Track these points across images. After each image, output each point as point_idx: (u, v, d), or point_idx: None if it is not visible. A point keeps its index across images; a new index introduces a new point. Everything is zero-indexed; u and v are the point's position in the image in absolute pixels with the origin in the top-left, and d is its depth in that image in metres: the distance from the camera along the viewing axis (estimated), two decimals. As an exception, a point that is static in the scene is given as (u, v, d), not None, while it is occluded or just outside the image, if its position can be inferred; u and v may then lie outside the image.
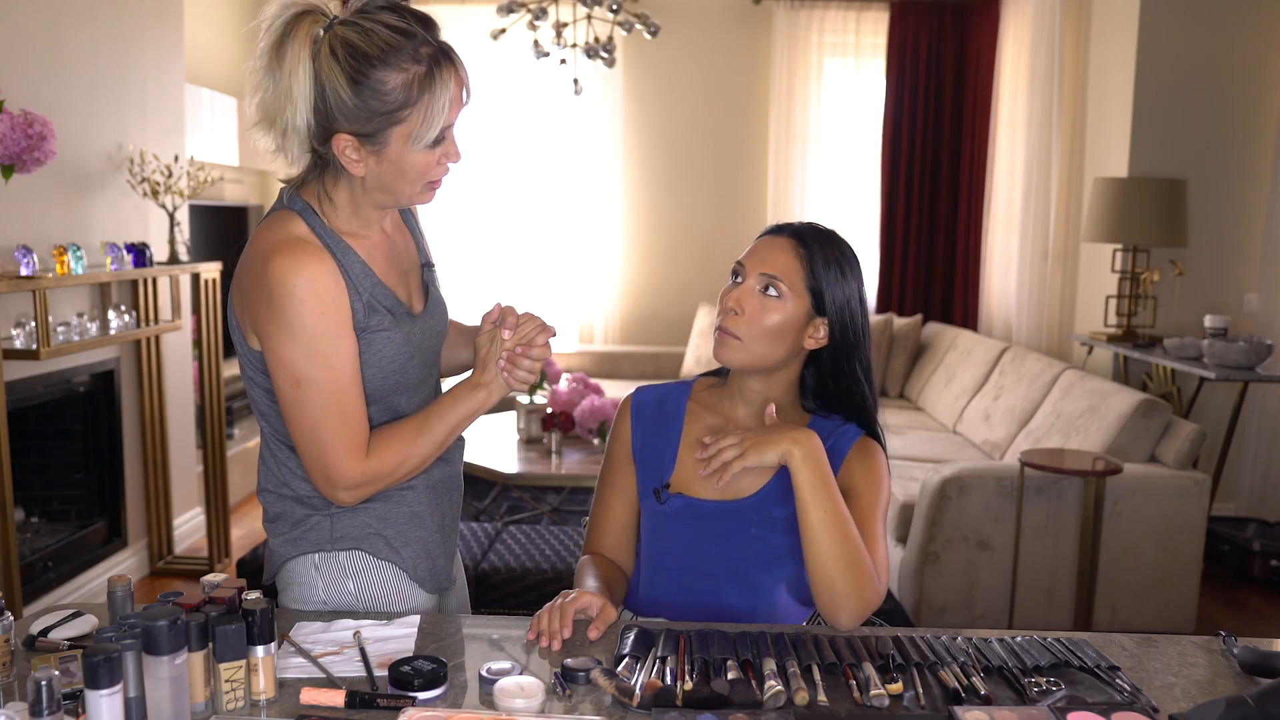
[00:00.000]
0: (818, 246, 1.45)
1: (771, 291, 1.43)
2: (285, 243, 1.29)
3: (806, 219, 5.91)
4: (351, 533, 1.41)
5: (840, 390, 1.49)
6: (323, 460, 1.31)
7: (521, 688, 1.13)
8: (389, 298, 1.38)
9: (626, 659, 1.24)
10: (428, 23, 1.28)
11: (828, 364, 1.48)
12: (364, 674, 1.20)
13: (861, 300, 1.48)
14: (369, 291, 1.35)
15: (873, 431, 1.51)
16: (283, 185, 1.39)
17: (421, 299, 1.47)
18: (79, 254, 3.02)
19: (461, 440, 1.55)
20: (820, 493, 1.33)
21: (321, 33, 1.25)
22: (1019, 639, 1.33)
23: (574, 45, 4.30)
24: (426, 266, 1.50)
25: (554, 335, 1.40)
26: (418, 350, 1.42)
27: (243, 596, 1.20)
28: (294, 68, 1.24)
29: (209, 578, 1.25)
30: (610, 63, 4.30)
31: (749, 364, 1.45)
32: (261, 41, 1.27)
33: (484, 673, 1.18)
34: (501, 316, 1.39)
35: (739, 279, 1.47)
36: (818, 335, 1.46)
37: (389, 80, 1.24)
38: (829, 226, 1.51)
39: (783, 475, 1.47)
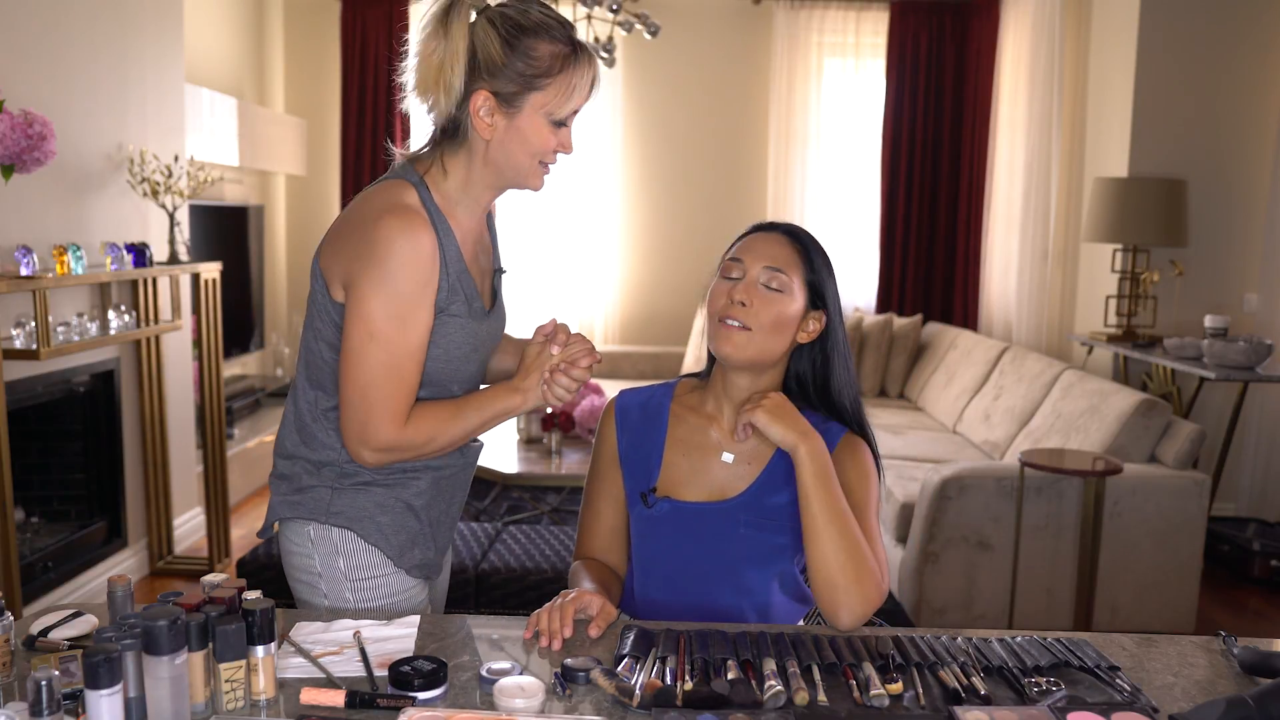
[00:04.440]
0: (810, 242, 1.50)
1: (775, 284, 1.45)
2: (400, 207, 1.35)
3: (806, 219, 5.85)
4: (347, 511, 1.45)
5: (834, 389, 1.50)
6: (365, 417, 1.35)
7: (521, 688, 1.13)
8: (470, 285, 1.43)
9: (626, 659, 1.24)
10: (566, 23, 1.39)
11: (821, 361, 1.50)
12: (364, 674, 1.20)
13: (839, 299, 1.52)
14: (456, 275, 1.40)
15: (863, 431, 1.51)
16: (399, 155, 1.46)
17: (490, 300, 1.52)
18: (79, 254, 3.02)
19: (479, 444, 1.59)
20: (823, 489, 1.35)
21: (475, 14, 1.35)
22: (1019, 639, 1.33)
23: (574, 45, 4.29)
24: (498, 271, 1.55)
25: (599, 361, 1.44)
26: (482, 345, 1.47)
27: (243, 596, 1.20)
28: (458, 32, 1.33)
29: (209, 578, 1.25)
30: (610, 63, 4.30)
31: (754, 358, 1.45)
32: (427, 12, 1.36)
33: (484, 673, 1.18)
34: (554, 332, 1.44)
35: (736, 275, 1.47)
36: (810, 329, 1.47)
37: (539, 48, 1.34)
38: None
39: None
